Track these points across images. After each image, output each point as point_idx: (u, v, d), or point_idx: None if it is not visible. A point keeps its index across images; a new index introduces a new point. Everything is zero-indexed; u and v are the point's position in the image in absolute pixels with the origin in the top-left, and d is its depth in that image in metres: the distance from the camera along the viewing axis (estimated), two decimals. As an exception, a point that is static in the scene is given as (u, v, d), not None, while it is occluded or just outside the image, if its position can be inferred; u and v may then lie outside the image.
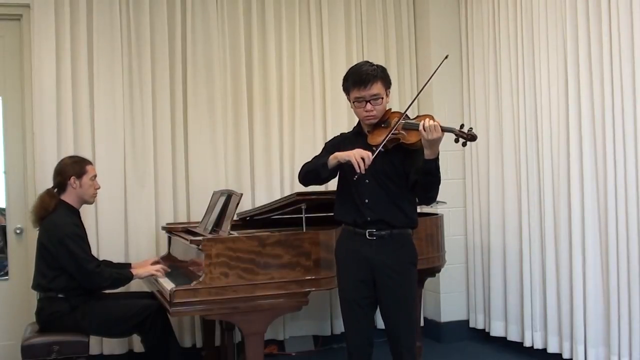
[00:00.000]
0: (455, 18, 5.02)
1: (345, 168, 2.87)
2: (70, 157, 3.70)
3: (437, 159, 2.70)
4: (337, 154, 2.83)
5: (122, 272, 3.64)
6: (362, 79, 2.83)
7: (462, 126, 2.67)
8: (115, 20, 4.39)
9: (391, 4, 5.07)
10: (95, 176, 3.67)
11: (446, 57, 3.01)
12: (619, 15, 3.61)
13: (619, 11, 3.61)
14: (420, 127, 2.63)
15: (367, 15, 5.00)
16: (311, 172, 2.97)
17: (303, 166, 3.06)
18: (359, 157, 2.71)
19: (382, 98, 2.87)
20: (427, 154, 2.68)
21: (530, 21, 4.28)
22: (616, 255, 3.68)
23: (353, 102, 2.88)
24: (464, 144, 2.66)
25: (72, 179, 3.56)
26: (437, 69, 2.95)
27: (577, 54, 3.91)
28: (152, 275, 3.61)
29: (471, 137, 2.63)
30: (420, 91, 3.05)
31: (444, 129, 2.65)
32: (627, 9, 3.57)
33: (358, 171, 2.70)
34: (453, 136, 2.69)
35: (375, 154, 2.73)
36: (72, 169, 3.57)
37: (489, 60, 4.68)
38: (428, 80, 2.95)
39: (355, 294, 2.90)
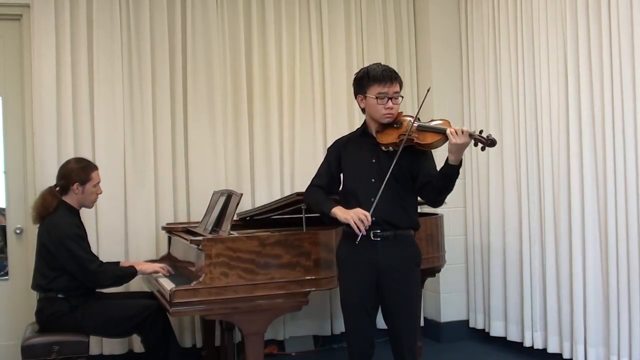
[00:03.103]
0: (455, 17, 5.03)
1: (349, 174, 2.96)
2: (77, 161, 3.67)
3: (460, 166, 2.72)
4: (337, 211, 2.84)
5: (125, 269, 3.65)
6: (387, 74, 2.85)
7: (481, 131, 2.71)
8: (115, 20, 4.39)
9: (391, 3, 5.07)
10: (99, 182, 3.66)
11: (428, 90, 3.07)
12: (619, 15, 3.61)
13: (619, 11, 3.61)
14: (448, 132, 2.67)
15: (367, 15, 5.00)
16: (316, 210, 3.03)
17: (310, 192, 3.07)
18: (357, 218, 2.74)
19: (401, 97, 2.90)
20: (452, 159, 2.70)
21: (530, 21, 4.28)
22: (616, 255, 3.67)
23: (375, 98, 2.86)
24: (482, 149, 2.71)
25: (76, 185, 3.55)
26: (422, 103, 2.99)
27: (577, 53, 3.91)
28: (156, 272, 3.62)
29: (491, 142, 2.68)
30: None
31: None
32: (627, 8, 3.57)
33: (359, 234, 2.73)
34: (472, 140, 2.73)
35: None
36: (77, 175, 3.56)
37: (489, 60, 4.68)
38: (418, 112, 2.91)
39: (359, 296, 2.90)
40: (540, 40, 4.18)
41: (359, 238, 2.75)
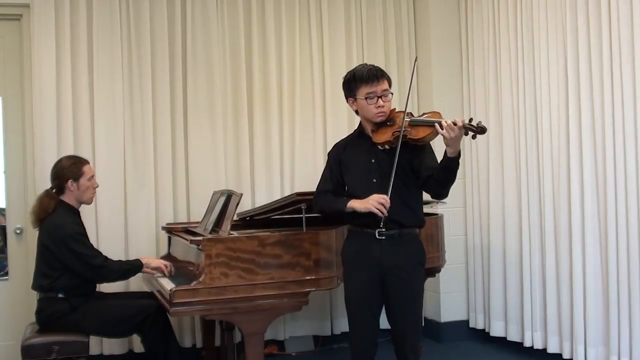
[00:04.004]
0: (455, 17, 5.02)
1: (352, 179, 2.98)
2: (68, 158, 3.68)
3: (459, 157, 2.71)
4: (354, 204, 2.84)
5: (131, 261, 3.67)
6: (372, 74, 2.87)
7: (471, 120, 2.69)
8: (115, 20, 4.39)
9: (391, 4, 5.07)
10: (92, 176, 3.66)
11: (416, 60, 3.31)
12: (619, 14, 3.61)
13: (619, 11, 3.61)
14: (437, 127, 2.66)
15: (367, 15, 5.00)
16: (331, 212, 3.05)
17: (319, 197, 3.07)
18: (377, 204, 2.75)
19: (391, 94, 2.90)
20: (450, 152, 2.69)
21: (530, 21, 4.27)
22: (616, 255, 3.67)
23: (365, 99, 2.87)
24: (473, 137, 2.68)
25: (70, 182, 3.56)
26: (412, 78, 3.10)
27: (577, 53, 3.90)
28: (161, 268, 3.64)
29: (481, 129, 2.64)
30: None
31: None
32: (627, 8, 3.56)
33: (382, 217, 2.75)
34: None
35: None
36: (69, 171, 3.56)
37: (489, 60, 4.68)
38: (406, 103, 2.92)
39: (364, 295, 2.89)
40: (540, 40, 4.17)
41: (383, 220, 2.77)
